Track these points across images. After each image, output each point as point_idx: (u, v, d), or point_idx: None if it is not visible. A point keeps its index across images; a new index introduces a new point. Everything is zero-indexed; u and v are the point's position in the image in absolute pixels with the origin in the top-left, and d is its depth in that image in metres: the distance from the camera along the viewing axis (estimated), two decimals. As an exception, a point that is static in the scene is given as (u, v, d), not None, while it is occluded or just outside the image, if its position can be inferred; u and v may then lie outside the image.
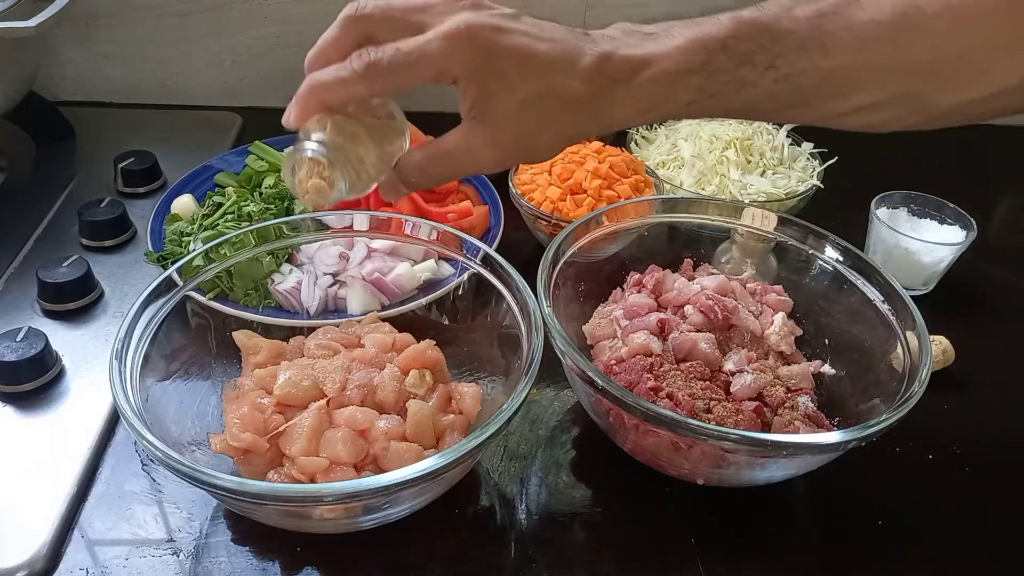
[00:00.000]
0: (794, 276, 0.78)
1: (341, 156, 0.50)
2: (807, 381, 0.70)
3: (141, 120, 1.16)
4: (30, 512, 0.62)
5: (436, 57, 0.48)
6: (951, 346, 0.78)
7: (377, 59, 0.48)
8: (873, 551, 0.64)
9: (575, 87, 0.50)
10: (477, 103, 0.50)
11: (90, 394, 0.73)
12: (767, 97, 0.52)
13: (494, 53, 0.49)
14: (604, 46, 0.51)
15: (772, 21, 0.51)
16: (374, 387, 0.64)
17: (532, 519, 0.65)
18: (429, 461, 0.52)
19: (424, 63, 0.48)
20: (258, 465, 0.60)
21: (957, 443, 0.73)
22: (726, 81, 0.51)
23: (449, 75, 0.49)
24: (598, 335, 0.74)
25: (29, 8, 0.94)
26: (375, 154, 0.52)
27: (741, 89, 0.51)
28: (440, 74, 0.49)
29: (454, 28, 0.48)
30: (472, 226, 0.89)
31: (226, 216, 0.89)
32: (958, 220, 0.90)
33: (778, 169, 0.99)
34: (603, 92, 0.51)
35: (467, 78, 0.49)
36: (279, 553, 0.61)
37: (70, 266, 0.82)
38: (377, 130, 0.52)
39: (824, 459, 0.61)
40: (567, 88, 0.50)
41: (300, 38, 1.16)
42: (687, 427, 0.56)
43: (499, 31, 0.49)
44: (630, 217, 0.78)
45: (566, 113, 0.51)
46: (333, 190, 0.51)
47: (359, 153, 0.51)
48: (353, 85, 0.49)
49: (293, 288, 0.80)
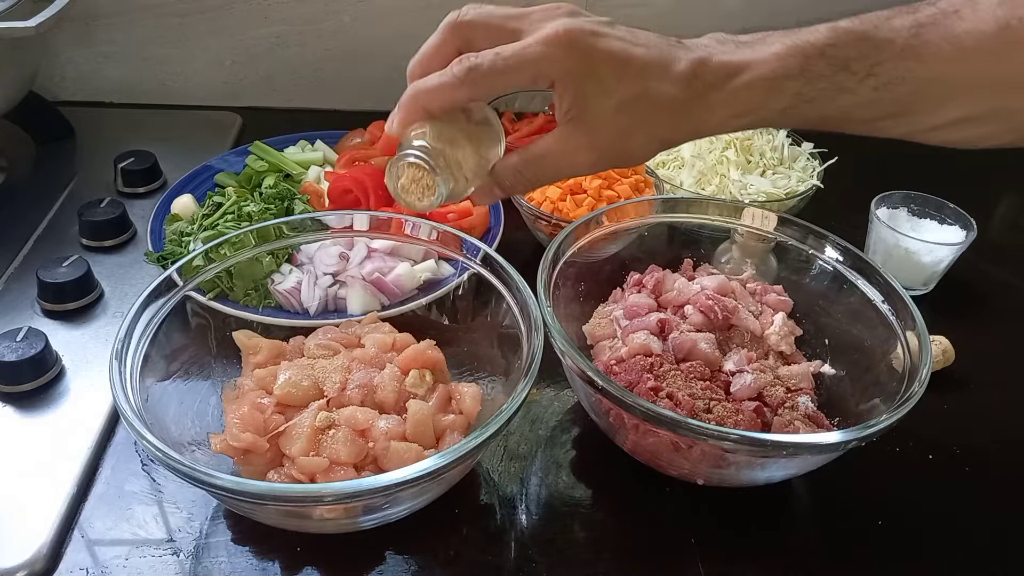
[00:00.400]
0: (794, 276, 0.78)
1: (442, 161, 0.51)
2: (807, 381, 0.70)
3: (141, 120, 1.16)
4: (30, 512, 0.62)
5: (535, 60, 0.49)
6: (951, 346, 0.78)
7: (478, 63, 0.49)
8: (873, 551, 0.64)
9: (670, 91, 0.51)
10: (574, 105, 0.51)
11: (90, 394, 0.73)
12: (864, 105, 0.51)
13: (591, 57, 0.50)
14: (699, 52, 0.51)
15: (870, 30, 0.51)
16: (374, 387, 0.64)
17: (532, 519, 0.65)
18: (429, 461, 0.52)
19: (524, 66, 0.49)
20: (258, 465, 0.60)
21: (957, 443, 0.73)
22: (823, 88, 0.51)
23: (547, 78, 0.50)
24: (598, 335, 0.74)
25: (29, 8, 0.94)
26: (473, 159, 0.53)
27: (838, 96, 0.51)
28: (538, 77, 0.50)
29: (552, 32, 0.49)
30: (472, 226, 0.89)
31: (226, 216, 0.89)
32: (958, 220, 0.90)
33: (778, 169, 0.99)
34: (698, 97, 0.51)
35: (564, 81, 0.50)
36: (279, 553, 0.61)
37: (70, 266, 0.82)
38: (475, 135, 0.53)
39: (824, 459, 0.61)
40: (662, 92, 0.51)
41: (300, 38, 1.16)
42: (687, 427, 0.56)
43: (596, 35, 0.50)
44: (630, 217, 0.78)
45: (661, 116, 0.52)
46: (435, 195, 0.52)
47: (458, 158, 0.52)
48: (455, 90, 0.50)
49: (293, 288, 0.80)
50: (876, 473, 0.70)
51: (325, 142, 1.05)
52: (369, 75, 1.18)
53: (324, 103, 1.21)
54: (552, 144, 0.53)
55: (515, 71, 0.49)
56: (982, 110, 0.52)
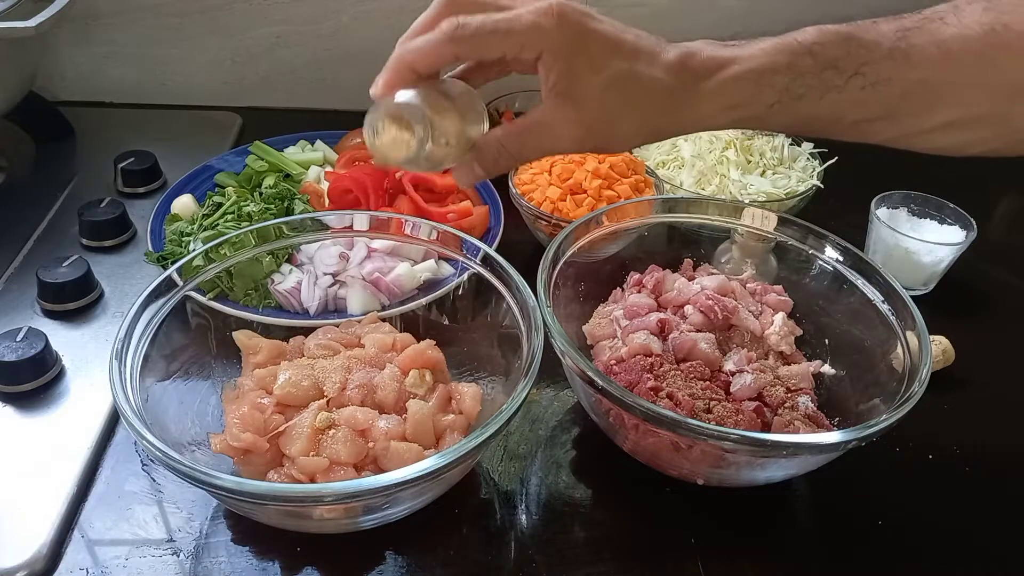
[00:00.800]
0: (794, 276, 0.78)
1: (424, 119, 0.50)
2: (807, 381, 0.70)
3: (141, 120, 1.16)
4: (30, 512, 0.62)
5: (525, 29, 0.49)
6: (951, 346, 0.78)
7: (467, 22, 0.49)
8: (873, 551, 0.64)
9: (659, 76, 0.51)
10: (561, 79, 0.51)
11: (90, 394, 0.73)
12: (853, 104, 0.52)
13: (582, 33, 0.50)
14: (688, 48, 0.52)
15: (857, 31, 0.52)
16: (374, 387, 0.64)
17: (532, 519, 0.65)
18: (429, 461, 0.52)
19: (513, 33, 0.49)
20: (258, 465, 0.60)
21: (957, 443, 0.73)
22: (812, 84, 0.51)
23: (535, 48, 0.50)
24: (598, 335, 0.74)
25: (29, 8, 0.94)
26: (455, 128, 0.52)
27: (826, 94, 0.52)
28: (526, 46, 0.50)
29: (546, 5, 0.50)
30: (472, 226, 0.89)
31: (226, 216, 0.89)
32: (958, 220, 0.90)
33: (778, 169, 0.99)
34: (687, 86, 0.52)
35: (554, 53, 0.50)
36: (279, 553, 0.61)
37: (70, 266, 0.82)
38: (459, 109, 0.53)
39: (824, 459, 0.61)
40: (651, 76, 0.51)
41: (300, 38, 1.16)
42: (687, 427, 0.56)
43: (588, 16, 0.51)
44: (630, 217, 0.78)
45: (649, 101, 0.52)
46: (413, 150, 0.50)
47: (441, 124, 0.51)
48: (442, 46, 0.50)
49: (293, 288, 0.80)
50: (876, 473, 0.70)
51: (325, 142, 1.05)
52: (369, 75, 1.16)
53: (324, 103, 1.21)
54: (537, 117, 0.53)
55: (504, 36, 0.49)
56: (970, 114, 0.52)
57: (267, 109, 1.20)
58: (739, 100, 0.52)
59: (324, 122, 1.08)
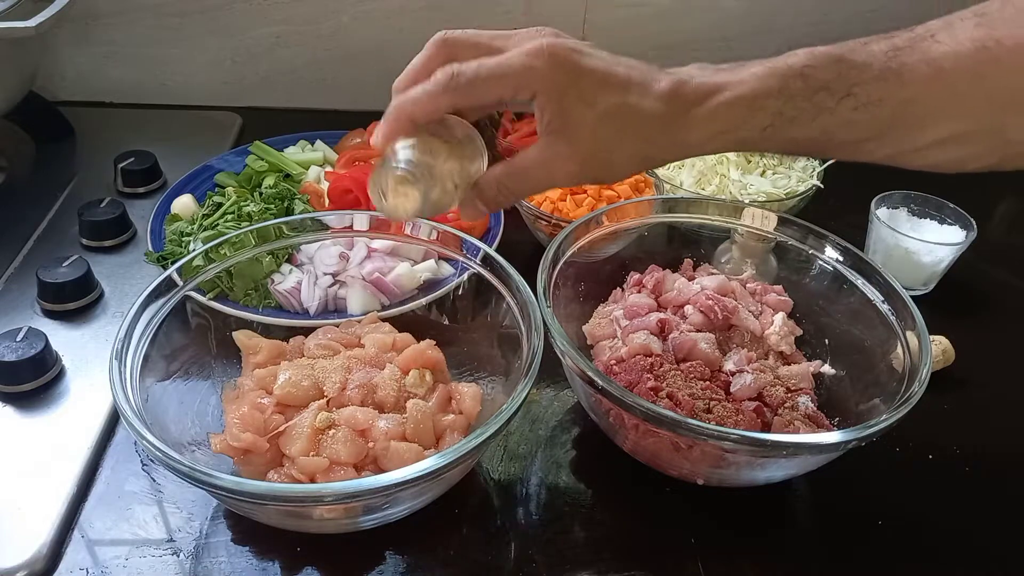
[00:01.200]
0: (794, 276, 0.78)
1: (426, 173, 0.52)
2: (807, 381, 0.70)
3: (141, 120, 1.16)
4: (30, 512, 0.62)
5: (518, 71, 0.50)
6: (951, 346, 0.78)
7: (461, 70, 0.50)
8: (873, 551, 0.64)
9: (651, 105, 0.52)
10: (556, 117, 0.51)
11: (90, 394, 0.73)
12: (845, 125, 0.52)
13: (573, 71, 0.51)
14: (680, 75, 0.53)
15: (848, 53, 0.52)
16: (374, 387, 0.64)
17: (532, 519, 0.65)
18: (429, 461, 0.52)
19: (507, 76, 0.50)
20: (258, 465, 0.60)
21: (957, 443, 0.73)
22: (803, 107, 0.52)
23: (529, 89, 0.51)
24: (598, 335, 0.74)
25: (29, 8, 0.94)
26: (457, 172, 0.54)
27: (818, 116, 0.52)
28: (520, 87, 0.51)
29: (536, 46, 0.50)
30: (472, 226, 0.89)
31: (226, 216, 0.89)
32: (958, 220, 0.90)
33: (778, 169, 0.99)
34: (679, 113, 0.52)
35: (547, 92, 0.51)
36: (279, 553, 0.61)
37: (70, 266, 0.82)
38: (458, 150, 0.54)
39: (824, 459, 0.61)
40: (644, 106, 0.52)
41: (300, 38, 1.16)
42: (687, 427, 0.56)
43: (579, 53, 0.51)
44: (630, 217, 0.78)
45: (643, 130, 0.52)
46: (419, 204, 0.52)
47: (442, 170, 0.53)
48: (438, 97, 0.50)
49: (293, 288, 0.80)
50: (876, 473, 0.70)
51: (325, 142, 1.05)
52: (369, 75, 1.18)
53: (324, 103, 1.21)
54: (534, 155, 0.54)
55: (498, 80, 0.50)
56: (963, 129, 0.53)
57: (267, 109, 1.20)
58: (732, 125, 0.53)
59: (324, 122, 1.08)
